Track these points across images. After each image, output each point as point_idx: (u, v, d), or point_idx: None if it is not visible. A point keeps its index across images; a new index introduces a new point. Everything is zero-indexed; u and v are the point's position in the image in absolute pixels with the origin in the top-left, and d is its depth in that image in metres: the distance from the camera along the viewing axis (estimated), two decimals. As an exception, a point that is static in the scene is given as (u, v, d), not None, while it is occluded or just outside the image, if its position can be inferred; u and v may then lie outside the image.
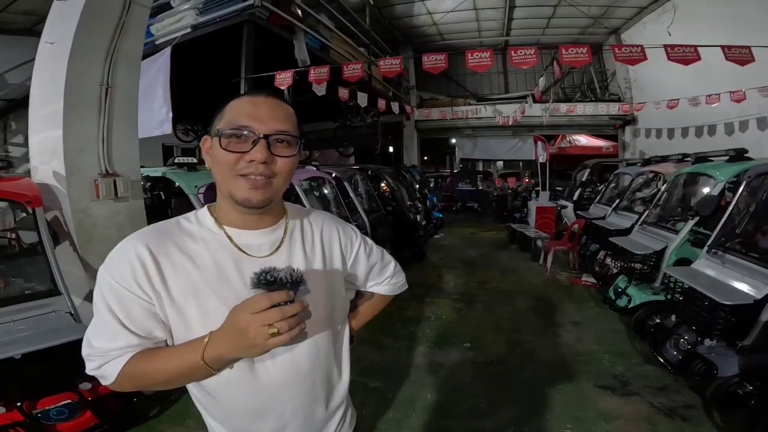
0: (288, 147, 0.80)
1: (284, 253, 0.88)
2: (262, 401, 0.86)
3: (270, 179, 0.79)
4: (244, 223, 0.85)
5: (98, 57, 2.72)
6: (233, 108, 0.79)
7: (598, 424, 2.53)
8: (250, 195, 0.78)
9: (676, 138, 9.34)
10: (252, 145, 0.76)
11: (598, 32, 11.63)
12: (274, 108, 0.80)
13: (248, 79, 4.99)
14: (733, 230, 3.03)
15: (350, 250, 1.02)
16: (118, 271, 0.75)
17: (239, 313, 0.69)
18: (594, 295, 4.95)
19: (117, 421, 2.28)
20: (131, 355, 0.76)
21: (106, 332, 0.76)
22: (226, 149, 0.77)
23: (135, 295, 0.75)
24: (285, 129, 0.79)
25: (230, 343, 0.71)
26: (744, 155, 3.84)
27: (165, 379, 0.78)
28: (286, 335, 0.67)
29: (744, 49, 3.47)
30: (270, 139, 0.77)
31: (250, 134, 0.76)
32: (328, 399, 0.97)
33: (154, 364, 0.77)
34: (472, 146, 14.31)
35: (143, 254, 0.76)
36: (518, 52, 3.77)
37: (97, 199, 2.62)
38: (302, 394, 0.90)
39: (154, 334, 0.78)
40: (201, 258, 0.81)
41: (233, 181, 0.78)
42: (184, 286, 0.78)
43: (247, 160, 0.77)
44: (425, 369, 3.26)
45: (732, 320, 2.47)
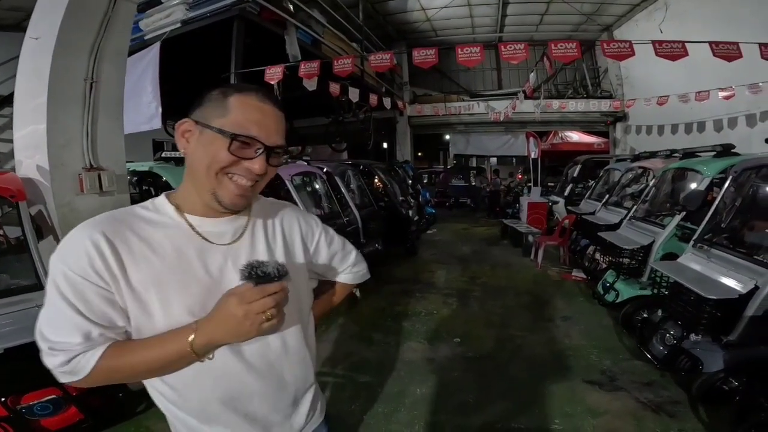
0: (279, 158, 0.84)
1: (247, 241, 0.88)
2: (230, 390, 0.86)
3: (256, 184, 0.82)
4: (208, 212, 0.84)
5: (83, 52, 2.70)
6: (241, 108, 0.78)
7: (585, 419, 2.55)
8: (238, 201, 0.80)
9: (665, 134, 9.42)
10: (255, 153, 0.78)
11: (591, 29, 11.68)
12: (280, 121, 0.82)
13: (238, 74, 4.95)
14: (718, 225, 3.06)
15: (311, 239, 1.03)
16: (74, 260, 0.72)
17: (235, 303, 0.72)
18: (584, 290, 4.99)
19: (102, 417, 2.27)
20: (105, 348, 0.73)
21: (64, 325, 0.72)
22: (230, 152, 0.76)
23: (93, 283, 0.72)
24: (282, 143, 0.82)
25: (225, 330, 0.74)
26: (731, 151, 3.88)
27: (144, 370, 0.77)
28: (276, 320, 0.74)
29: (732, 45, 3.50)
30: (272, 152, 0.81)
31: (256, 145, 0.78)
32: (297, 388, 0.97)
33: (134, 356, 0.75)
34: (465, 142, 14.34)
35: (99, 241, 0.73)
36: (508, 48, 3.78)
37: (82, 193, 2.59)
38: (271, 383, 0.90)
39: (115, 323, 0.75)
40: (161, 246, 0.79)
41: (221, 180, 0.78)
42: (144, 274, 0.76)
43: (245, 166, 0.78)
44: (415, 364, 3.27)
45: (717, 315, 2.48)
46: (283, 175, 4.57)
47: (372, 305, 4.60)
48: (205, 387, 0.85)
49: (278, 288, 0.74)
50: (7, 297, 2.18)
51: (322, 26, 6.85)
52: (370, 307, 4.53)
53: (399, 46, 12.33)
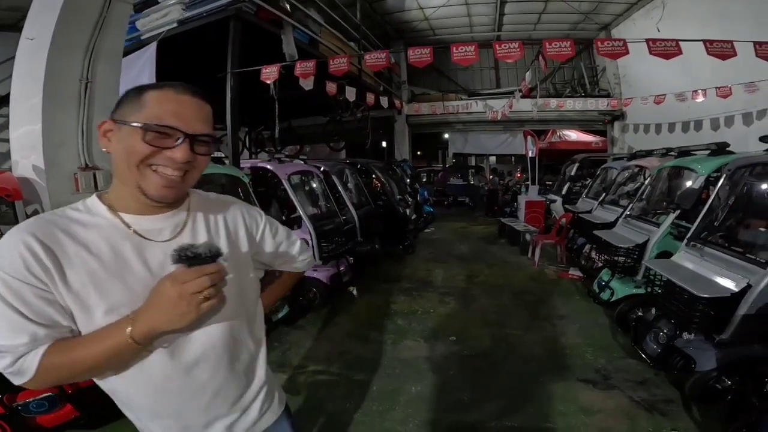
0: (207, 147, 0.83)
1: (186, 236, 0.88)
2: (182, 382, 0.87)
3: (187, 174, 0.82)
4: (143, 209, 0.84)
5: (78, 52, 2.72)
6: (157, 102, 0.78)
7: (578, 417, 2.56)
8: (165, 192, 0.80)
9: (663, 133, 9.44)
10: (175, 143, 0.77)
11: (589, 28, 11.68)
12: (200, 109, 0.81)
13: (234, 74, 4.96)
14: (712, 223, 3.07)
15: (257, 230, 1.05)
16: (9, 264, 0.72)
17: (169, 285, 0.72)
18: (580, 288, 5.00)
19: (97, 414, 2.27)
20: (47, 347, 0.73)
21: (7, 327, 0.71)
22: (148, 143, 0.76)
23: (30, 285, 0.72)
24: (208, 131, 0.82)
25: (163, 315, 0.73)
26: (726, 149, 3.89)
27: (89, 366, 0.76)
28: (215, 300, 0.73)
29: (726, 43, 3.51)
30: (195, 139, 0.79)
31: (175, 134, 0.77)
32: (249, 378, 0.99)
33: (76, 353, 0.75)
34: (463, 141, 14.35)
35: (32, 244, 0.73)
36: (502, 46, 3.79)
37: (77, 192, 2.61)
38: (220, 373, 0.91)
39: (59, 323, 0.75)
40: (96, 246, 0.79)
41: (144, 172, 0.78)
42: (81, 275, 0.76)
43: (166, 156, 0.77)
44: (410, 362, 3.29)
45: (710, 313, 2.49)
46: (280, 174, 4.59)
47: (368, 304, 4.61)
48: (151, 386, 0.85)
49: (213, 268, 0.73)
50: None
51: (320, 25, 6.85)
52: (367, 306, 4.55)
53: (397, 46, 12.33)
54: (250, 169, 4.71)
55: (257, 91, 5.43)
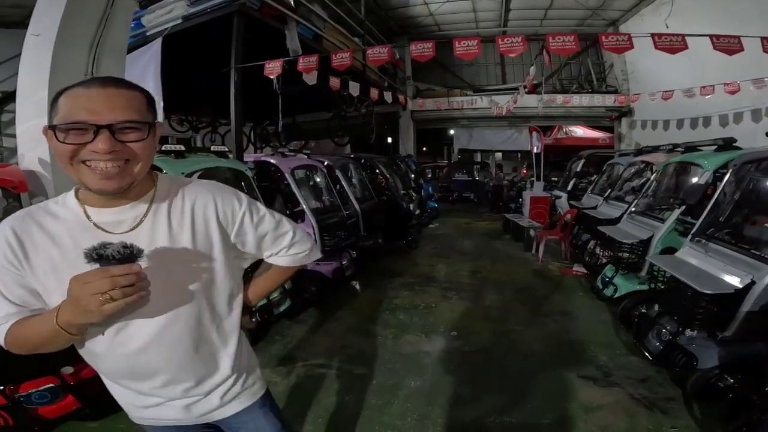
0: (137, 132, 0.81)
1: (146, 227, 0.90)
2: (131, 365, 0.95)
3: (128, 163, 0.82)
4: (102, 201, 0.88)
5: (83, 48, 2.74)
6: (67, 101, 0.79)
7: (578, 414, 2.55)
8: (104, 185, 0.81)
9: (671, 129, 9.32)
10: (93, 136, 0.77)
11: (597, 24, 11.53)
12: (113, 98, 0.79)
13: (238, 69, 4.97)
14: (717, 219, 3.03)
15: (231, 221, 0.99)
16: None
17: (72, 283, 0.74)
18: (584, 284, 4.97)
19: (99, 406, 2.29)
20: (14, 321, 0.85)
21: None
22: (66, 143, 0.77)
23: (7, 269, 0.84)
24: (128, 117, 0.79)
25: (71, 310, 0.77)
26: (732, 145, 3.83)
27: (39, 342, 0.85)
28: (121, 301, 0.73)
29: (733, 38, 3.45)
30: (113, 128, 0.78)
31: (86, 126, 0.77)
32: (210, 368, 1.02)
33: (27, 329, 0.85)
34: (468, 137, 14.30)
35: (8, 235, 0.84)
36: (505, 41, 3.76)
37: (81, 185, 2.63)
38: (172, 358, 0.95)
39: (30, 303, 0.87)
40: (60, 237, 0.86)
41: (78, 168, 0.80)
42: (44, 263, 0.85)
43: (90, 150, 0.78)
44: (411, 357, 3.29)
45: (713, 310, 2.46)
46: (283, 168, 4.60)
47: (371, 298, 4.62)
48: (111, 360, 0.94)
49: (119, 271, 0.72)
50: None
51: (323, 21, 6.83)
52: (369, 300, 4.56)
53: (401, 41, 12.27)
54: (253, 163, 4.73)
55: (262, 87, 5.44)
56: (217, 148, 4.06)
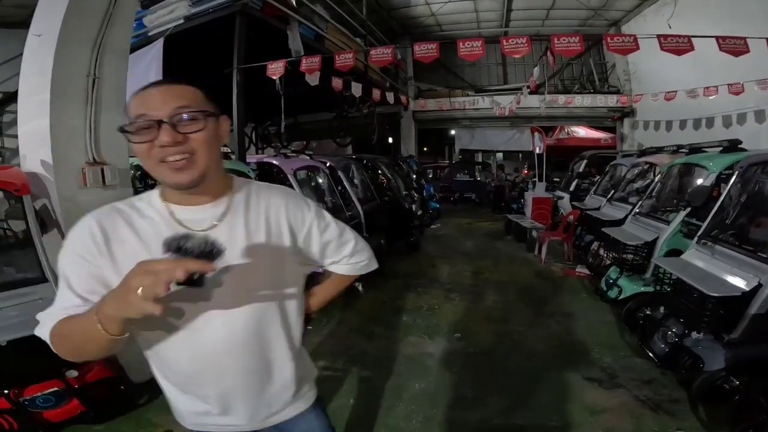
0: (194, 122, 0.82)
1: (225, 226, 0.91)
2: (201, 366, 0.93)
3: (192, 156, 0.83)
4: (183, 199, 0.90)
5: (85, 48, 2.72)
6: (132, 106, 0.83)
7: (583, 416, 2.54)
8: (177, 178, 0.83)
9: (674, 130, 9.30)
10: (157, 132, 0.80)
11: (598, 24, 11.51)
12: (166, 91, 0.83)
13: (240, 70, 4.96)
14: (723, 221, 3.02)
15: (300, 226, 1.01)
16: (73, 242, 0.85)
17: (135, 266, 0.68)
18: (587, 286, 4.96)
19: (104, 409, 2.30)
20: (61, 318, 0.80)
21: (58, 297, 0.84)
22: (135, 142, 0.81)
23: (85, 259, 0.83)
24: (182, 105, 0.81)
25: (114, 299, 0.70)
26: (738, 146, 3.82)
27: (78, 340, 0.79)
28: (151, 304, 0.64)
29: (739, 39, 3.44)
30: (173, 120, 0.80)
31: (149, 122, 0.79)
32: (275, 372, 1.02)
33: (69, 323, 0.79)
34: (470, 137, 14.27)
35: (93, 227, 0.85)
36: (510, 41, 3.74)
37: (85, 187, 2.62)
38: (241, 362, 0.95)
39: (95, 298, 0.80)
40: (145, 232, 0.88)
41: (158, 167, 0.83)
42: (128, 258, 0.82)
43: (157, 146, 0.80)
44: (414, 359, 3.28)
45: (720, 313, 2.45)
46: (286, 169, 4.60)
47: (373, 299, 4.61)
48: (180, 360, 0.93)
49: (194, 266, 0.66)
50: (11, 289, 2.21)
51: (326, 21, 6.83)
52: (372, 301, 4.55)
53: (403, 41, 12.25)
54: (256, 164, 4.72)
55: (263, 87, 5.43)
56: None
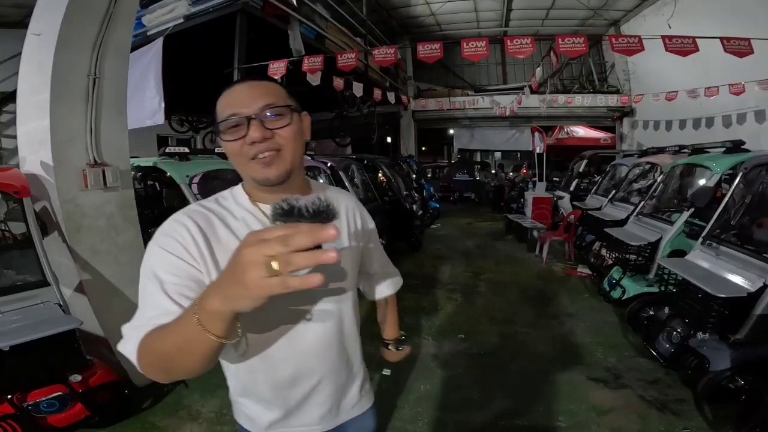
0: (281, 118, 0.82)
1: None
2: (297, 367, 0.91)
3: (279, 152, 0.83)
4: (273, 199, 0.84)
5: (85, 48, 2.68)
6: (219, 103, 0.84)
7: (589, 416, 2.54)
8: (266, 173, 0.83)
9: (673, 130, 9.32)
10: (247, 129, 0.80)
11: (598, 24, 11.53)
12: (251, 88, 0.83)
13: (241, 69, 4.93)
14: (728, 222, 3.02)
15: (366, 233, 1.06)
16: (168, 241, 0.79)
17: (247, 238, 0.53)
18: (589, 286, 4.96)
19: (109, 414, 2.28)
20: (149, 329, 0.67)
21: (150, 303, 0.73)
22: (226, 140, 0.82)
23: (183, 260, 0.77)
24: (268, 102, 0.81)
25: (220, 286, 0.56)
26: (741, 147, 3.82)
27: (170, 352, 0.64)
28: (298, 280, 0.50)
29: (743, 40, 3.44)
30: (261, 117, 0.80)
31: (238, 119, 0.80)
32: (353, 370, 1.04)
33: (159, 334, 0.66)
34: (469, 137, 14.27)
35: (191, 226, 0.81)
36: (514, 42, 3.73)
37: (86, 188, 2.58)
38: (331, 361, 0.96)
39: None
40: (241, 233, 0.85)
41: (248, 165, 0.83)
42: (227, 258, 0.70)
43: (248, 143, 0.80)
44: (419, 360, 3.26)
45: (725, 313, 2.45)
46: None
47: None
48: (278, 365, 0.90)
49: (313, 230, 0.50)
50: (12, 294, 2.19)
51: (326, 21, 6.80)
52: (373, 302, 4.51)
53: (403, 41, 12.24)
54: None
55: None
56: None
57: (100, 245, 2.67)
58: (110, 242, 2.73)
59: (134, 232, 2.88)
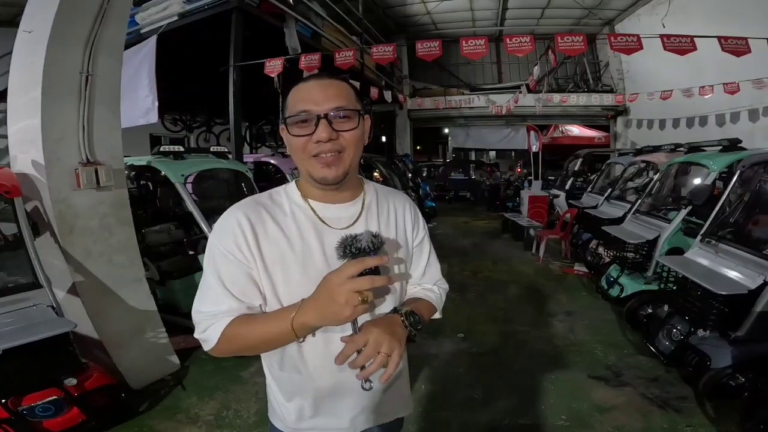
0: (348, 120, 0.85)
1: (361, 225, 0.94)
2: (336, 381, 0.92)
3: (340, 154, 0.85)
4: (325, 197, 0.92)
5: (78, 45, 2.64)
6: (292, 96, 0.87)
7: (592, 415, 2.53)
8: (325, 173, 0.85)
9: (667, 129, 9.40)
10: (315, 127, 0.82)
11: (593, 23, 11.60)
12: (326, 87, 0.85)
13: (236, 68, 4.88)
14: (726, 220, 3.04)
15: (416, 234, 1.05)
16: (223, 237, 0.86)
17: (333, 278, 0.73)
18: (586, 284, 4.97)
19: (105, 417, 2.23)
20: (231, 319, 0.83)
21: (211, 297, 0.85)
22: (294, 135, 0.84)
23: (236, 258, 0.84)
24: (340, 105, 0.84)
25: (318, 310, 0.76)
26: (737, 145, 3.84)
27: (255, 342, 0.84)
28: (368, 306, 0.72)
29: (740, 40, 3.45)
30: (330, 117, 0.82)
31: (310, 116, 0.82)
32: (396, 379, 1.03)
33: (248, 327, 0.83)
34: (464, 135, 14.30)
35: (243, 222, 0.86)
36: (513, 40, 3.72)
37: (78, 188, 2.53)
38: None
39: (250, 298, 0.85)
40: (288, 228, 0.89)
41: (308, 162, 0.86)
42: (274, 253, 0.86)
43: (314, 141, 0.83)
44: (420, 360, 3.23)
45: (725, 311, 2.46)
46: (284, 168, 4.54)
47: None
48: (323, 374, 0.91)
49: (379, 261, 0.73)
50: (4, 296, 2.13)
51: (322, 19, 6.76)
52: (372, 303, 4.49)
53: (398, 40, 12.22)
54: (253, 163, 4.65)
55: (258, 86, 5.35)
56: (217, 149, 3.98)
57: (94, 246, 2.62)
58: (104, 243, 2.67)
59: (128, 233, 2.83)
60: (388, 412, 1.04)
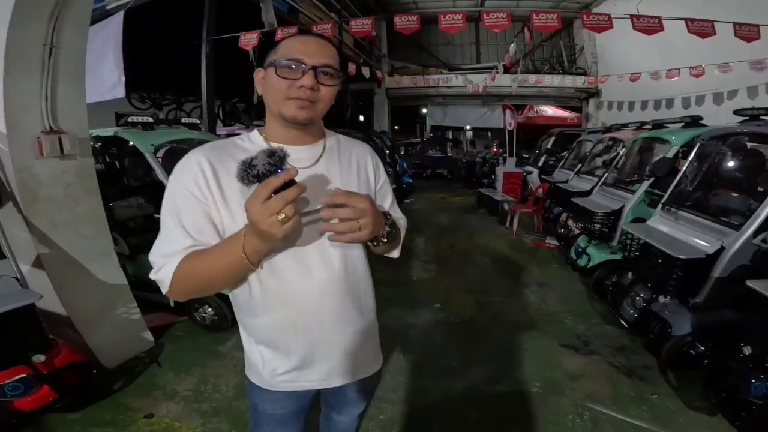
0: (330, 78, 0.93)
1: (322, 165, 1.01)
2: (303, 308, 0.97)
3: (314, 104, 0.93)
4: (288, 139, 0.97)
5: (42, 18, 2.50)
6: (286, 44, 0.93)
7: (564, 382, 2.62)
8: (297, 113, 0.92)
9: (635, 110, 9.67)
10: (302, 75, 0.89)
11: (571, 7, 11.64)
12: (321, 45, 0.93)
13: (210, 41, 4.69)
14: (686, 189, 3.13)
15: (378, 178, 1.14)
16: (183, 177, 0.90)
17: (248, 207, 0.76)
18: (557, 257, 5.15)
19: (78, 396, 2.17)
20: (182, 257, 0.86)
21: (168, 237, 0.89)
22: (280, 76, 0.90)
23: (195, 197, 0.89)
24: (330, 63, 0.92)
25: (256, 235, 0.79)
26: (699, 122, 4.00)
27: (210, 275, 0.87)
28: (297, 218, 0.75)
29: (706, 22, 3.56)
30: (317, 71, 0.90)
31: (300, 66, 0.89)
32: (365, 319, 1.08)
33: (201, 261, 0.86)
34: (442, 114, 14.32)
35: (203, 162, 0.91)
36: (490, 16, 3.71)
37: (41, 156, 2.42)
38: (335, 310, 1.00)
39: (206, 236, 0.89)
40: None
41: (284, 103, 0.92)
42: (234, 189, 0.89)
43: (297, 86, 0.90)
44: (398, 330, 3.30)
45: (684, 276, 2.54)
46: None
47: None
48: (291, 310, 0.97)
49: (280, 180, 0.73)
50: (-35, 268, 2.04)
51: (298, -8, 6.55)
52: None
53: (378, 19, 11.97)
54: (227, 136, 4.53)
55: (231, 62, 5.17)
56: (188, 120, 3.84)
57: (59, 216, 2.52)
58: (69, 213, 2.57)
59: (95, 203, 2.73)
60: (361, 364, 1.10)
